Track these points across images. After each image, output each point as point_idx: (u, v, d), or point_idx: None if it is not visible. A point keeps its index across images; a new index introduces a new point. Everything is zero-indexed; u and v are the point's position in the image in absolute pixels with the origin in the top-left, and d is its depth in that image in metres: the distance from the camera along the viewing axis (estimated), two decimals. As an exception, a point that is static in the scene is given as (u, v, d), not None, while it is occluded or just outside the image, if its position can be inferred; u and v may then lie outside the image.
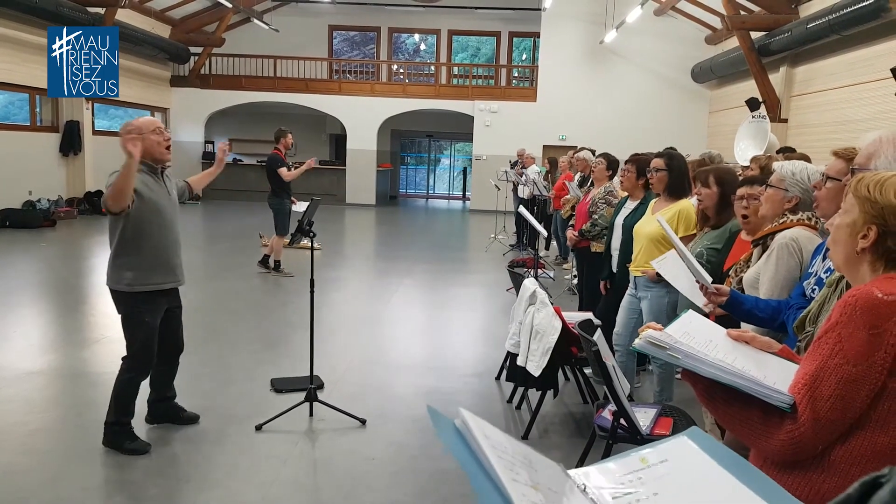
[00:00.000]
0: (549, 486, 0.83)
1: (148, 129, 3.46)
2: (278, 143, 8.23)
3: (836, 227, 1.52)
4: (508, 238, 12.27)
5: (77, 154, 14.02)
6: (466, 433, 0.80)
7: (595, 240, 5.37)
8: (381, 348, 5.70)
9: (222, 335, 5.76)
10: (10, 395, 4.24)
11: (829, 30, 10.27)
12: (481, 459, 0.77)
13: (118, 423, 3.50)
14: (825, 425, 1.31)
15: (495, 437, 0.83)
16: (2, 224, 11.58)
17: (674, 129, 16.16)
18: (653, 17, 16.81)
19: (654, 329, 1.46)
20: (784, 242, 2.48)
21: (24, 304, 6.86)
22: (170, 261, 3.57)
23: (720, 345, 1.50)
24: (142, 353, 3.51)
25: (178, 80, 18.33)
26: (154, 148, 3.47)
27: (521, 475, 0.79)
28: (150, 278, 3.47)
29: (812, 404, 1.32)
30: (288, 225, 8.14)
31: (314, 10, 19.51)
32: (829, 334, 1.36)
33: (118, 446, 3.49)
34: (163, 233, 3.51)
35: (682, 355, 1.39)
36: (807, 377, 1.36)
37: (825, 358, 1.34)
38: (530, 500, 0.75)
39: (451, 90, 18.55)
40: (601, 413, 3.15)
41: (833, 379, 1.32)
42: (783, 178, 2.63)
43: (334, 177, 18.60)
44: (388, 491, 3.26)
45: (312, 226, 4.08)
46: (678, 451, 0.99)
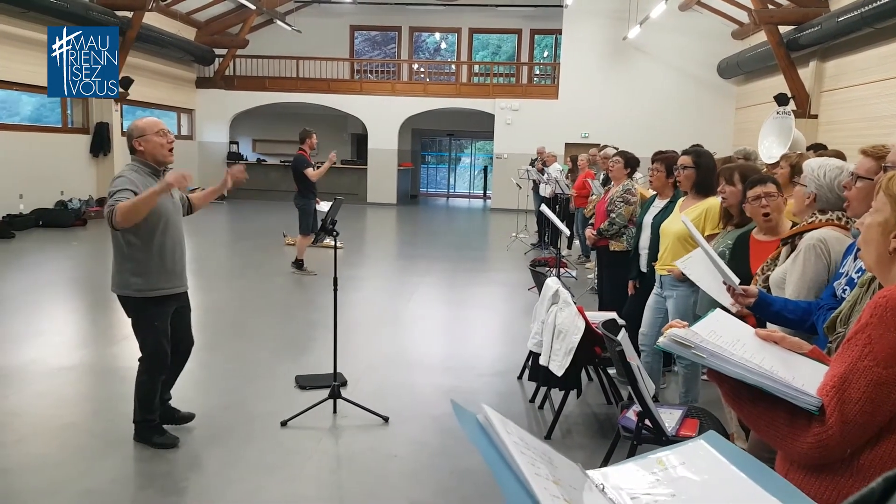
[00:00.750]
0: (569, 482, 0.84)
1: (151, 131, 3.44)
2: (303, 143, 8.26)
3: (868, 226, 1.49)
4: (529, 237, 12.23)
5: (106, 155, 14.27)
6: (489, 428, 0.82)
7: (613, 239, 5.34)
8: (402, 347, 5.73)
9: (246, 332, 5.83)
10: (43, 389, 4.34)
11: (861, 23, 10.07)
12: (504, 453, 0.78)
13: (145, 421, 3.58)
14: (853, 428, 1.28)
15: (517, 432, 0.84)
16: (35, 223, 11.84)
17: (699, 127, 15.97)
18: (677, 12, 16.62)
19: (678, 327, 1.45)
20: (811, 244, 2.44)
21: (57, 301, 7.01)
22: (175, 265, 3.52)
23: (748, 344, 1.49)
24: (156, 354, 3.52)
25: (204, 81, 18.56)
26: (157, 150, 3.45)
27: (542, 470, 0.80)
28: (158, 283, 3.43)
29: (840, 407, 1.29)
30: (311, 224, 8.21)
31: (336, 10, 19.61)
32: (859, 336, 1.33)
33: (148, 441, 3.57)
34: (167, 237, 3.45)
35: (708, 354, 1.37)
36: (835, 379, 1.33)
37: (855, 360, 1.31)
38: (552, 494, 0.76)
39: (472, 89, 18.54)
40: (625, 413, 3.14)
41: (862, 381, 1.29)
42: (805, 174, 2.59)
43: (355, 176, 18.69)
44: (410, 489, 3.28)
45: (335, 225, 4.11)
46: (696, 454, 1.00)
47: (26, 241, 10.49)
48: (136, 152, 3.47)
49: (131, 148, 3.48)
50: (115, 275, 3.47)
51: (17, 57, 11.67)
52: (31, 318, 6.05)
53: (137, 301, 3.43)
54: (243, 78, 18.68)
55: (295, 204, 8.39)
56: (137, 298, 3.42)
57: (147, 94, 15.79)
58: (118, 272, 3.44)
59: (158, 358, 3.53)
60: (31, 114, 14.16)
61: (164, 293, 3.47)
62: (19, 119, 13.45)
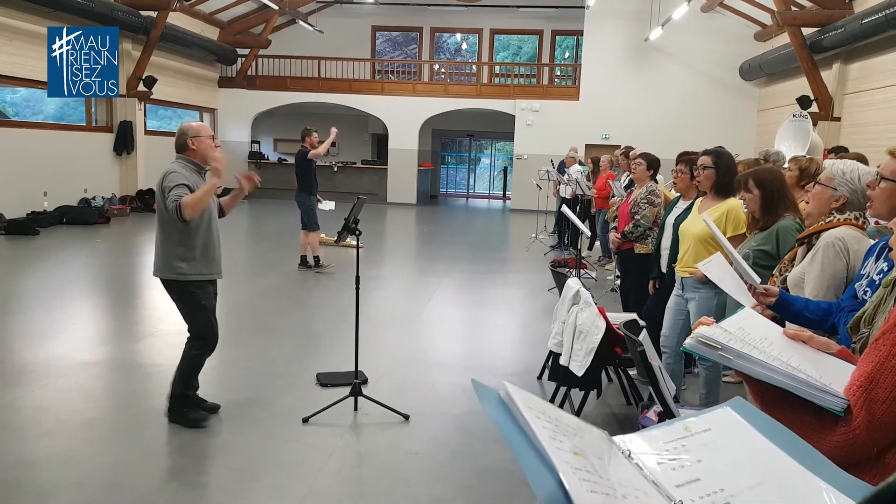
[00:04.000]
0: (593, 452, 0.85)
1: (205, 133, 3.81)
2: (303, 141, 8.51)
3: None
4: (549, 238, 12.20)
5: (130, 153, 14.47)
6: (510, 403, 0.82)
7: (638, 241, 5.30)
8: (422, 346, 5.75)
9: (268, 330, 5.89)
10: (68, 384, 4.42)
11: (886, 25, 9.93)
12: (524, 428, 0.79)
13: (183, 395, 3.80)
14: (881, 428, 1.28)
15: (539, 406, 0.85)
16: (59, 221, 12.02)
17: (720, 128, 15.84)
18: (700, 13, 16.50)
19: (706, 324, 1.45)
20: (830, 242, 2.44)
21: (81, 297, 7.13)
22: (215, 253, 3.84)
23: (776, 343, 1.48)
24: (207, 332, 3.83)
25: (226, 81, 18.75)
26: (208, 151, 3.78)
27: (564, 443, 0.80)
28: (201, 269, 3.75)
29: (868, 406, 1.29)
30: (315, 220, 8.33)
31: (357, 11, 19.71)
32: (888, 335, 1.33)
33: (181, 417, 3.78)
34: (210, 228, 3.79)
35: (735, 355, 1.37)
36: (862, 378, 1.33)
37: (882, 359, 1.31)
38: (573, 467, 0.76)
39: (493, 89, 18.54)
40: (646, 414, 3.13)
41: (890, 381, 1.29)
42: (832, 176, 2.57)
43: (376, 176, 18.77)
44: (430, 486, 3.30)
45: (358, 224, 4.14)
46: (721, 421, 1.01)
47: (50, 238, 10.67)
48: (186, 150, 3.76)
49: (182, 146, 3.74)
50: (159, 260, 3.75)
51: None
52: (56, 315, 6.16)
53: (181, 284, 3.73)
54: (265, 78, 18.84)
55: (296, 201, 8.51)
56: (182, 282, 3.72)
57: (170, 93, 16.00)
58: (164, 258, 3.73)
59: (209, 336, 3.84)
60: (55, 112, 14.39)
61: (205, 278, 3.79)
62: (43, 117, 13.68)
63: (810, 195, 2.68)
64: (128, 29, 13.34)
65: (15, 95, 13.93)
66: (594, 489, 0.76)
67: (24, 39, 11.48)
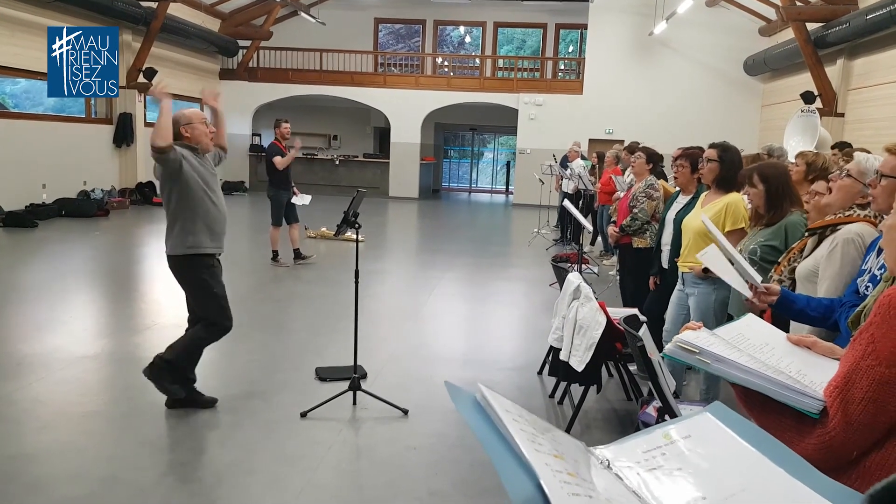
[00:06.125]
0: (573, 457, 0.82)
1: (198, 120, 3.89)
2: (275, 131, 8.41)
3: (889, 227, 1.46)
4: (552, 233, 12.16)
5: (129, 146, 14.44)
6: (486, 406, 0.80)
7: (636, 235, 5.28)
8: (423, 340, 5.73)
9: (267, 324, 5.87)
10: (66, 377, 4.41)
11: (891, 20, 9.87)
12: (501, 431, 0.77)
13: (170, 363, 3.78)
14: (857, 429, 1.25)
15: (515, 411, 0.83)
16: (58, 213, 11.99)
17: (725, 123, 15.78)
18: (704, 7, 16.43)
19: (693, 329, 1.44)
20: (850, 238, 2.40)
21: (79, 290, 7.11)
22: (218, 227, 3.88)
23: (777, 348, 1.47)
24: (220, 318, 3.87)
25: (227, 73, 18.69)
26: (202, 137, 3.88)
27: (543, 445, 0.78)
28: (205, 242, 3.80)
29: (844, 407, 1.26)
30: (282, 216, 8.30)
31: (360, 3, 19.63)
32: (864, 335, 1.30)
33: (158, 380, 3.77)
34: (212, 201, 3.85)
35: (712, 359, 1.37)
36: (839, 379, 1.30)
37: (858, 359, 1.28)
38: (553, 470, 0.74)
39: (496, 83, 18.47)
40: (645, 409, 3.11)
41: (865, 381, 1.25)
42: (865, 171, 2.52)
43: (378, 170, 18.72)
44: (429, 480, 3.28)
45: (357, 217, 4.12)
46: (701, 427, 0.99)
47: (49, 230, 10.65)
48: (182, 138, 3.81)
49: (176, 135, 3.78)
50: (169, 237, 3.82)
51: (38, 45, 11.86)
52: (54, 307, 6.14)
53: (189, 259, 3.77)
54: (267, 70, 18.78)
55: (267, 195, 8.48)
56: (190, 255, 3.77)
57: (170, 84, 15.90)
58: (171, 234, 3.80)
59: (222, 322, 3.88)
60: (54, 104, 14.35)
61: (209, 251, 3.83)
62: (43, 109, 13.63)
63: (836, 186, 2.63)
64: (128, 20, 13.29)
65: (15, 87, 13.88)
66: (576, 492, 0.73)
67: (25, 31, 11.44)
